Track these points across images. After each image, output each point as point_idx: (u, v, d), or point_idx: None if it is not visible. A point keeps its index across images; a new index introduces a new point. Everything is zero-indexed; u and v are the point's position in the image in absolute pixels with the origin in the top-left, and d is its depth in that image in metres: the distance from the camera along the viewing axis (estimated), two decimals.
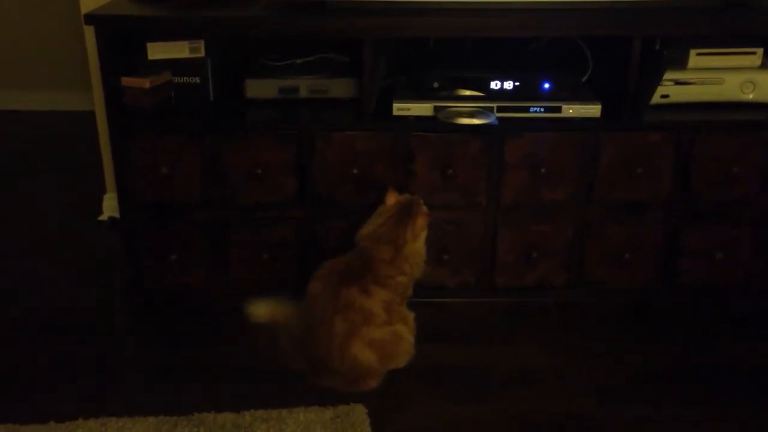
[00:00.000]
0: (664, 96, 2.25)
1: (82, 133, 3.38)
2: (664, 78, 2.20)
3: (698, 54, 2.23)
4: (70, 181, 3.30)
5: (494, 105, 2.20)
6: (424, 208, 2.09)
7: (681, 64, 2.24)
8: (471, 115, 2.18)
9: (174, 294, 2.36)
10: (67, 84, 4.12)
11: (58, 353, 2.15)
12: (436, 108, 2.20)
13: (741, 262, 2.32)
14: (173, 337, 2.23)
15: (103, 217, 2.93)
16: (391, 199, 2.08)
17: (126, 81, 2.22)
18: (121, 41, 2.22)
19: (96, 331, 2.26)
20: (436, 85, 2.23)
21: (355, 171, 2.21)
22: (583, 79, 2.32)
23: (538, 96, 2.23)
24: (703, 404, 1.97)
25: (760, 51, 2.24)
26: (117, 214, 2.57)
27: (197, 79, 2.30)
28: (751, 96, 2.25)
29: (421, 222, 2.07)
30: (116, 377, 2.08)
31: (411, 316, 2.06)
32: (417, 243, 2.07)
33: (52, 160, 3.58)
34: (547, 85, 2.24)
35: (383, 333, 1.98)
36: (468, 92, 2.24)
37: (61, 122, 4.06)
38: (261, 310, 2.16)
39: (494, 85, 2.24)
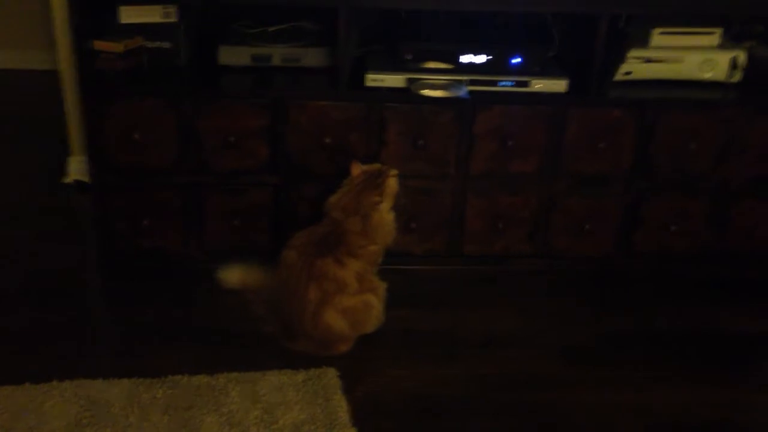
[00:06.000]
0: (627, 73, 2.31)
1: (42, 94, 3.31)
2: (627, 55, 2.26)
3: (661, 33, 2.30)
4: (30, 143, 3.23)
5: (466, 78, 2.25)
6: (394, 172, 2.12)
7: (644, 42, 2.30)
8: (443, 87, 2.22)
9: (147, 258, 2.36)
10: (26, 42, 4.01)
11: (30, 316, 2.15)
12: (409, 80, 2.24)
13: (696, 232, 2.42)
14: (146, 301, 2.24)
15: (69, 179, 2.89)
16: (356, 170, 2.11)
17: (99, 45, 2.20)
18: (92, 3, 2.19)
19: (68, 294, 2.26)
20: (409, 57, 2.26)
21: (328, 140, 2.24)
22: (550, 55, 2.37)
23: (508, 70, 2.28)
24: (663, 365, 2.08)
25: (719, 31, 2.32)
26: (83, 177, 2.55)
27: (168, 44, 2.29)
28: (709, 75, 2.32)
29: (391, 184, 2.10)
30: (90, 340, 2.09)
31: (382, 286, 2.10)
32: (384, 212, 2.10)
33: (9, 121, 3.49)
34: (516, 60, 2.28)
35: (355, 301, 2.02)
36: (441, 65, 2.27)
37: (20, 81, 3.95)
38: (233, 275, 2.19)
39: (466, 58, 2.27)
